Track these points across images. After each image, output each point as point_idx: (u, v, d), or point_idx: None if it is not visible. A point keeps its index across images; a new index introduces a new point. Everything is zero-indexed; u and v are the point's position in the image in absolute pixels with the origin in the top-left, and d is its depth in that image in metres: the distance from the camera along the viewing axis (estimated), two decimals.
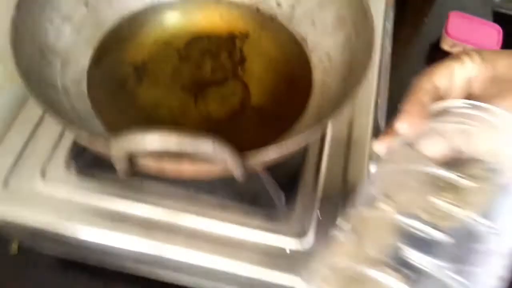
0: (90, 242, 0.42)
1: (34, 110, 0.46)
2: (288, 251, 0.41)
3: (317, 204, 0.43)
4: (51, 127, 0.46)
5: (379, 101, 0.50)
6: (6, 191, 0.42)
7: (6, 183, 0.43)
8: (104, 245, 0.42)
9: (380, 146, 0.30)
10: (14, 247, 0.55)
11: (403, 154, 0.29)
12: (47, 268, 0.53)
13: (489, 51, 0.30)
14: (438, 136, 0.28)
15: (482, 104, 0.27)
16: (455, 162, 0.26)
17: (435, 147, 0.28)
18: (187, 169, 0.31)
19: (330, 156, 0.46)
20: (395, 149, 0.29)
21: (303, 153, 0.45)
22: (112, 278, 0.52)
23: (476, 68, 0.29)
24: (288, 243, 0.41)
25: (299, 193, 0.44)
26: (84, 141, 0.35)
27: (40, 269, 0.53)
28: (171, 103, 0.44)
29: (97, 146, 0.32)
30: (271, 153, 0.32)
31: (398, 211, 0.25)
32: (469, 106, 0.28)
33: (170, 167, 0.31)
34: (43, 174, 0.43)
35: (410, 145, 0.28)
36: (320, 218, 0.42)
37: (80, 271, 0.53)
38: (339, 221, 0.28)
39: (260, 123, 0.43)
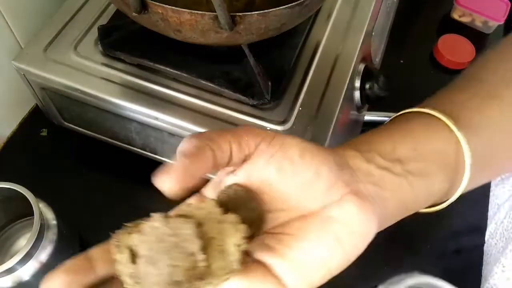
0: (106, 107, 0.50)
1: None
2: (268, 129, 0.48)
3: (300, 101, 0.50)
4: (88, 15, 0.55)
5: (374, 29, 0.56)
6: (44, 57, 0.51)
7: (45, 51, 0.52)
8: (116, 110, 0.50)
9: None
10: (44, 131, 0.65)
11: None
12: (70, 149, 0.63)
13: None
14: None
15: None
16: None
17: None
18: (186, 19, 0.39)
19: (320, 63, 0.52)
20: None
21: (297, 54, 0.52)
22: (120, 175, 0.61)
23: None
24: (271, 127, 0.48)
25: (287, 90, 0.50)
26: None
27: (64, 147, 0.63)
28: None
29: None
30: (254, 18, 0.39)
31: None
32: None
33: (172, 15, 0.38)
34: (75, 48, 0.52)
35: None
36: (300, 109, 0.49)
37: (96, 166, 0.63)
38: None
39: None
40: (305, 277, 0.25)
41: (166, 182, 0.23)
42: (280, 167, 0.26)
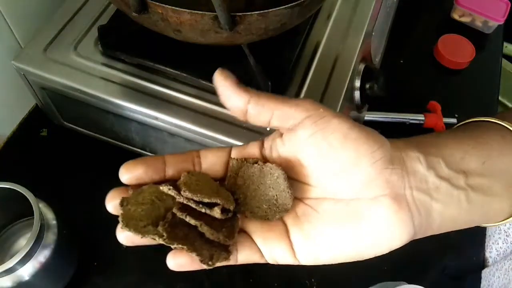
0: (106, 107, 0.50)
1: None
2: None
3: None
4: (88, 15, 0.55)
5: (374, 29, 0.56)
6: (44, 57, 0.51)
7: (45, 51, 0.52)
8: (116, 110, 0.50)
9: None
10: (44, 131, 0.65)
11: None
12: (69, 148, 0.63)
13: None
14: None
15: None
16: None
17: None
18: (186, 19, 0.39)
19: (320, 63, 0.52)
20: None
21: (297, 54, 0.52)
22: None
23: None
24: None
25: (287, 90, 0.50)
26: None
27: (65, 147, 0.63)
28: None
29: None
30: (254, 18, 0.39)
31: None
32: None
33: (172, 15, 0.38)
34: (75, 48, 0.52)
35: None
36: None
37: (96, 166, 0.62)
38: None
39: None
40: (313, 253, 0.27)
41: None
42: (319, 148, 0.25)
